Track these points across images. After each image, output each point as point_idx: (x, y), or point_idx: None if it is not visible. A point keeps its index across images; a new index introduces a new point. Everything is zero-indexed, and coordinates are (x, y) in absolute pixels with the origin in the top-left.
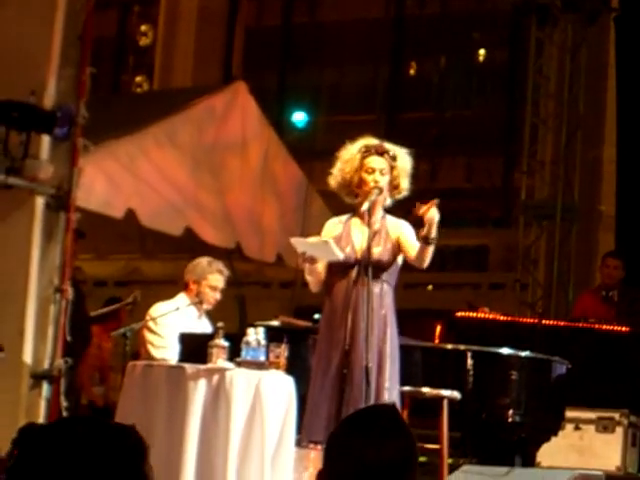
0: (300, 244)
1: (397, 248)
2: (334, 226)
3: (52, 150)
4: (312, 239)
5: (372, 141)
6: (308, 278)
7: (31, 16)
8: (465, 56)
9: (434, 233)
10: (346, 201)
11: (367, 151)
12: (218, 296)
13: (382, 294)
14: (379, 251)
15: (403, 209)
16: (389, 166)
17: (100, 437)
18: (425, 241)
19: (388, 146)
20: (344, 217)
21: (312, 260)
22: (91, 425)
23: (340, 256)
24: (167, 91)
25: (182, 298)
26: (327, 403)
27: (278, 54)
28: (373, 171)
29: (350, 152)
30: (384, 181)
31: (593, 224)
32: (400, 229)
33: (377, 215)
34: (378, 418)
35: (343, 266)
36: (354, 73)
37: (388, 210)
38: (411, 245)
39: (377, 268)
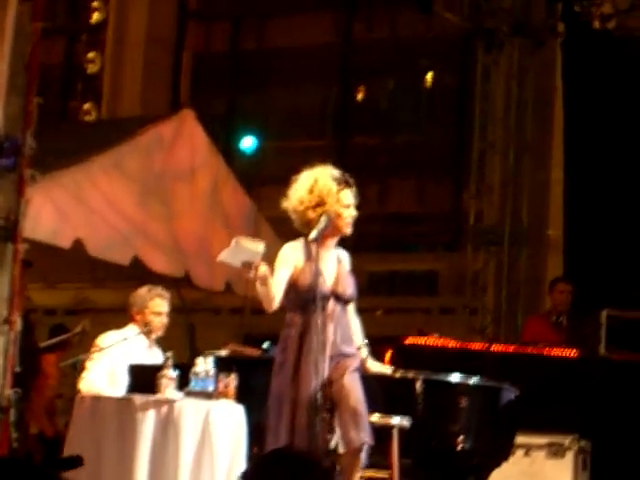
0: (229, 254)
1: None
2: (293, 252)
3: None
4: (245, 242)
5: (332, 170)
6: (260, 289)
7: None
8: (413, 80)
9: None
10: (301, 231)
11: (342, 184)
12: (165, 320)
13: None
14: (347, 284)
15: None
16: None
17: None
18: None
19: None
20: (300, 244)
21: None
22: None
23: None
24: (115, 120)
25: (131, 328)
26: (300, 434)
27: (227, 80)
28: (349, 206)
29: (326, 184)
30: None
31: (542, 248)
32: (348, 264)
33: (334, 247)
34: (287, 462)
35: (317, 298)
36: (303, 98)
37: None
38: None
39: (348, 301)
